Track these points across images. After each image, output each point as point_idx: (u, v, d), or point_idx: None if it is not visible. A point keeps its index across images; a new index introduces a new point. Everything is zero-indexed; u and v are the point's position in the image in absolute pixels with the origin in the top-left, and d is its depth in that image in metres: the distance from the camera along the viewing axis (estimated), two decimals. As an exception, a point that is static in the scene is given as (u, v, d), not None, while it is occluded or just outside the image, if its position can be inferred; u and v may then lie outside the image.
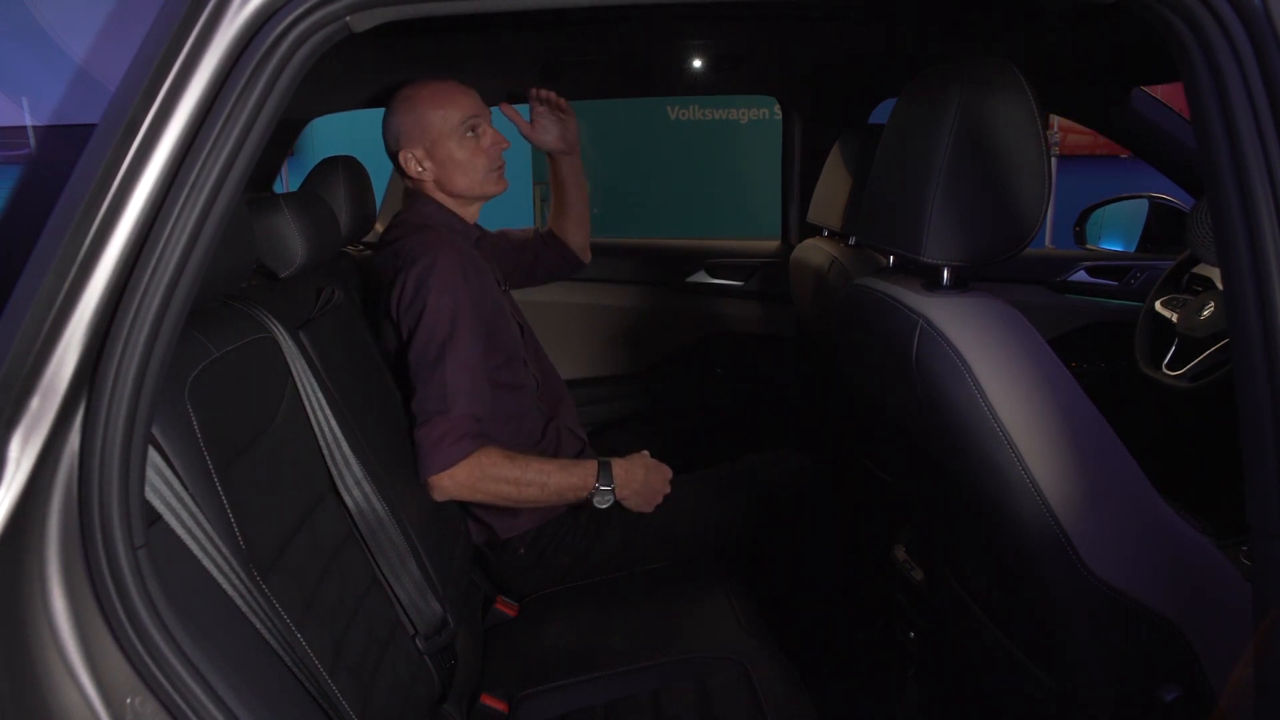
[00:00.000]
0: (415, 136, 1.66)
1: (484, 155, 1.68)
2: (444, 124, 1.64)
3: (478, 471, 1.50)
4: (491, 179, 1.70)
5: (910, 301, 1.00)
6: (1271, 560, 0.72)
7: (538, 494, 1.56)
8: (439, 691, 1.31)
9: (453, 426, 1.49)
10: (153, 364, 0.77)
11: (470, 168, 1.67)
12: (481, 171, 1.68)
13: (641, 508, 1.66)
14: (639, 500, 1.65)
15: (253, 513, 0.98)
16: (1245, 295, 0.72)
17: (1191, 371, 1.65)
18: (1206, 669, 0.90)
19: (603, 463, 1.62)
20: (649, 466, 1.67)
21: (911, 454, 1.18)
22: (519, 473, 1.54)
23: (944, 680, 1.52)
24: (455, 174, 1.67)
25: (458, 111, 1.65)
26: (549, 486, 1.56)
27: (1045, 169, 0.96)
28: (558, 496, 1.59)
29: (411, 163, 1.67)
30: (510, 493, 1.54)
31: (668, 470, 1.69)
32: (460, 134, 1.65)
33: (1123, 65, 1.92)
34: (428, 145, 1.66)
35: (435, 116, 1.64)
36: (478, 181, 1.68)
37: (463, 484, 1.50)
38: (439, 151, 1.66)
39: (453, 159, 1.66)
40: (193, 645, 0.79)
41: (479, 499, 1.54)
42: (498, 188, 1.72)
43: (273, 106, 0.79)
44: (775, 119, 5.90)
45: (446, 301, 1.52)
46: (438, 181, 1.69)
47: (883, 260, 1.27)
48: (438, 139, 1.65)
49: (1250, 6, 0.71)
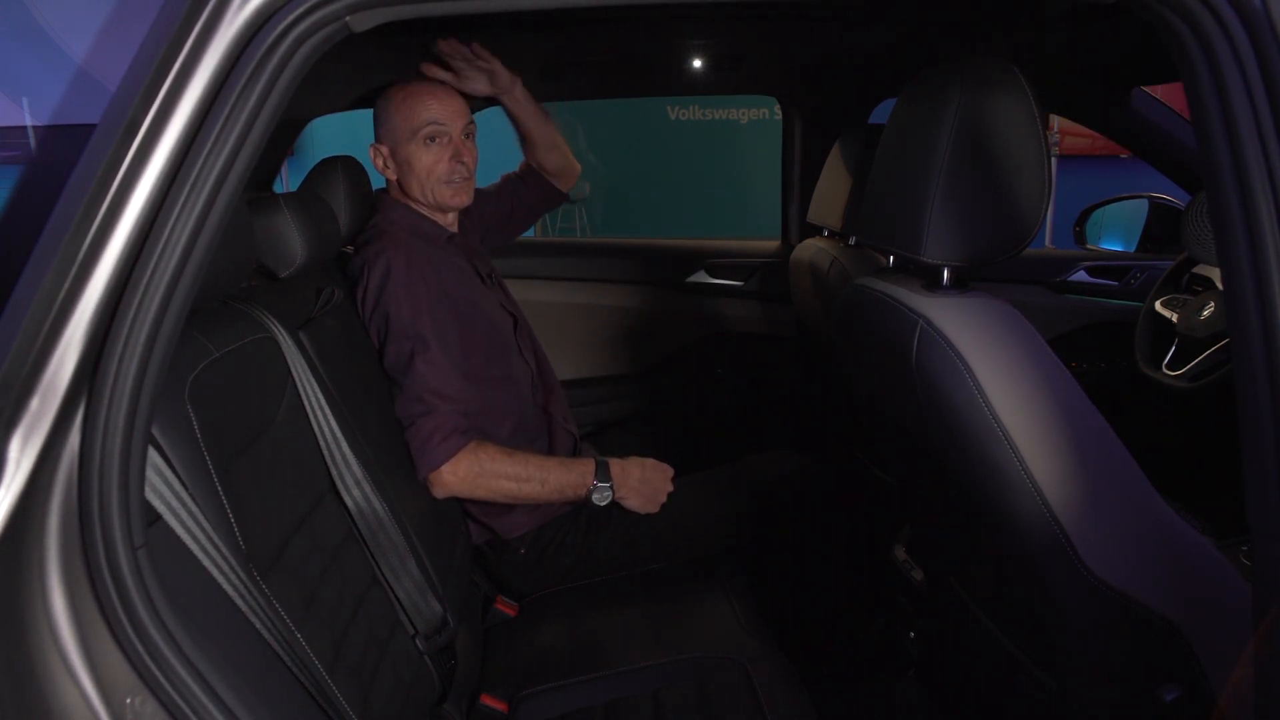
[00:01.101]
0: (384, 134, 1.66)
1: (442, 164, 1.64)
2: (405, 126, 1.63)
3: (476, 467, 1.51)
4: (445, 190, 1.66)
5: (910, 302, 1.00)
6: (1271, 560, 0.72)
7: (537, 490, 1.57)
8: (439, 691, 1.31)
9: (440, 424, 1.50)
10: (153, 364, 0.77)
11: (424, 174, 1.65)
12: (435, 180, 1.65)
13: (645, 507, 1.66)
14: (640, 500, 1.65)
15: (252, 513, 0.98)
16: (1245, 295, 0.72)
17: (1191, 371, 1.65)
18: (1206, 669, 0.90)
19: (600, 461, 1.63)
20: (646, 465, 1.67)
21: (911, 454, 1.18)
22: (518, 469, 1.54)
23: (944, 680, 1.52)
24: (410, 178, 1.66)
25: (420, 116, 1.62)
26: (549, 483, 1.57)
27: (1045, 169, 0.96)
28: (558, 494, 1.59)
29: (377, 159, 1.68)
30: (510, 489, 1.54)
31: (669, 469, 1.70)
32: (420, 140, 1.63)
33: (1123, 65, 1.92)
34: (391, 145, 1.66)
35: (399, 118, 1.64)
36: (430, 189, 1.66)
37: (463, 479, 1.51)
38: (399, 152, 1.65)
39: (408, 163, 1.65)
40: (192, 645, 0.79)
41: (480, 495, 1.55)
42: (453, 200, 1.67)
43: (273, 106, 0.79)
44: (775, 119, 5.90)
45: (406, 308, 1.54)
46: (400, 182, 1.69)
47: (883, 260, 1.27)
48: (400, 140, 1.65)
49: (1250, 6, 0.71)
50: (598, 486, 1.61)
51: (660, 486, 1.67)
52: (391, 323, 1.54)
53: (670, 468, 1.70)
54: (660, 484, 1.67)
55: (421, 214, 1.70)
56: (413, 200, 1.70)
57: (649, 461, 1.68)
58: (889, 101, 2.21)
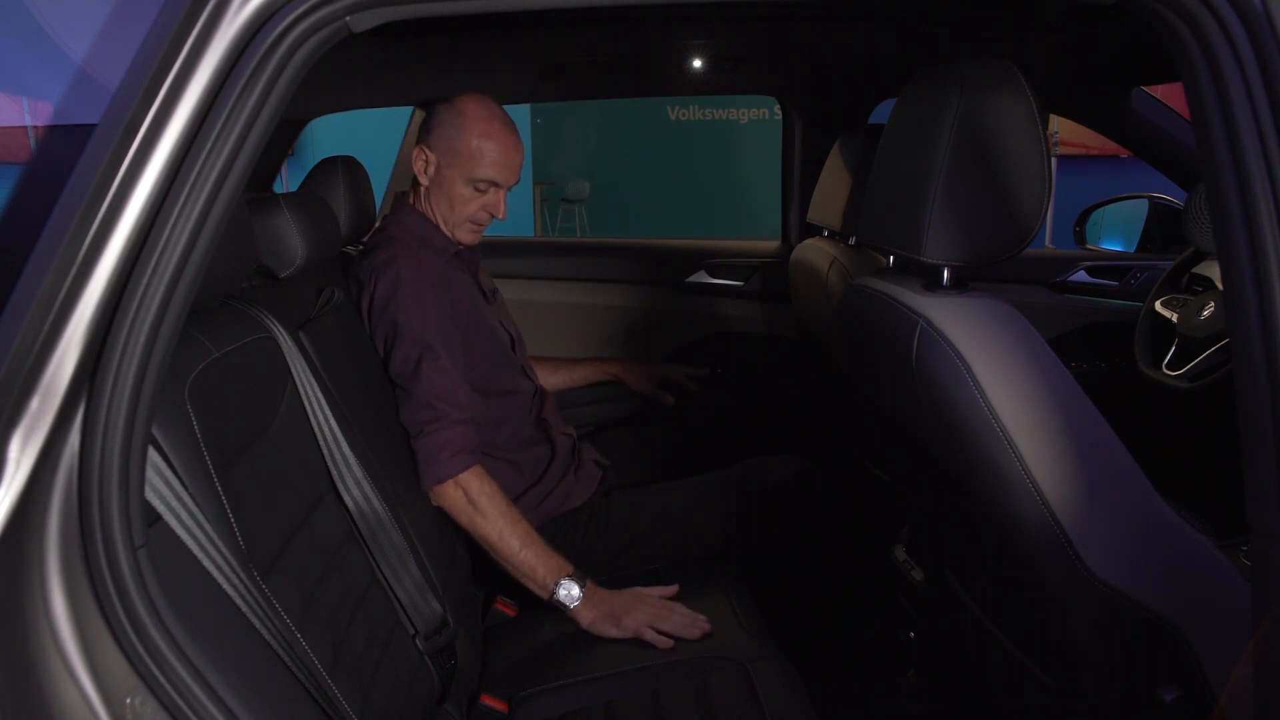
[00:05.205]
0: (440, 146, 1.66)
1: (474, 208, 1.68)
2: (470, 162, 1.64)
3: (475, 494, 1.50)
4: (464, 229, 1.70)
5: (910, 302, 1.00)
6: (1271, 560, 0.72)
7: (512, 551, 1.50)
8: (439, 691, 1.31)
9: (451, 438, 1.50)
10: (153, 364, 0.77)
11: (458, 207, 1.68)
12: (463, 219, 1.69)
13: (599, 626, 1.50)
14: (602, 619, 1.50)
15: (253, 513, 0.98)
16: (1245, 295, 0.72)
17: (1191, 371, 1.65)
18: (1206, 669, 0.90)
19: (578, 574, 1.52)
20: (626, 595, 1.52)
21: (911, 454, 1.18)
22: (507, 524, 1.50)
23: (944, 680, 1.52)
24: (442, 201, 1.68)
25: (488, 170, 1.65)
26: (522, 555, 1.50)
27: (1045, 169, 0.96)
28: (527, 570, 1.51)
29: (420, 160, 1.68)
30: (490, 536, 1.50)
31: (655, 595, 1.54)
32: (475, 184, 1.65)
33: (1123, 65, 1.93)
34: (443, 160, 1.66)
35: (468, 153, 1.64)
36: (454, 222, 1.69)
37: (464, 498, 1.50)
38: (446, 173, 1.66)
39: (450, 190, 1.67)
40: (192, 645, 0.79)
41: (463, 523, 1.53)
42: (466, 239, 1.72)
43: (273, 107, 0.79)
44: (775, 119, 5.90)
45: (415, 315, 1.54)
46: (429, 192, 1.70)
47: (883, 260, 1.27)
48: (455, 167, 1.65)
49: (1250, 6, 0.71)
50: (563, 584, 1.50)
51: (640, 619, 1.48)
52: (400, 329, 1.54)
53: (657, 592, 1.55)
54: (633, 606, 1.50)
55: (435, 226, 1.71)
56: (430, 211, 1.71)
57: (639, 595, 1.53)
58: (889, 101, 2.22)
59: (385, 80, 2.19)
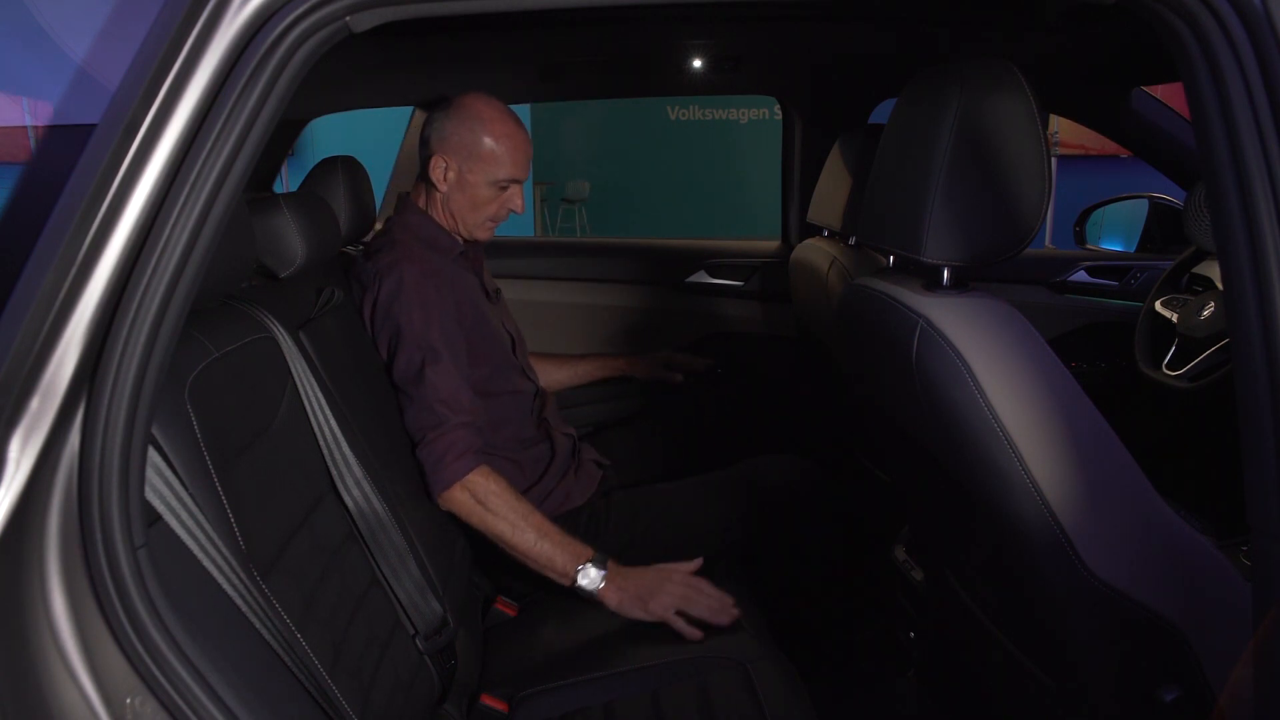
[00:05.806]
0: (458, 150, 1.66)
1: (495, 207, 1.70)
2: (490, 166, 1.65)
3: (483, 493, 1.51)
4: (485, 228, 1.72)
5: (910, 301, 1.00)
6: (1271, 560, 0.72)
7: (529, 544, 1.50)
8: (439, 691, 1.31)
9: (454, 442, 1.50)
10: (153, 364, 0.77)
11: (479, 210, 1.69)
12: (482, 218, 1.70)
13: (626, 607, 1.49)
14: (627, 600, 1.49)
15: (253, 513, 0.98)
16: (1245, 295, 0.72)
17: (1191, 371, 1.65)
18: (1206, 669, 0.90)
19: (599, 555, 1.51)
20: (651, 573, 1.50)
21: (911, 454, 1.18)
22: (519, 516, 1.50)
23: (944, 680, 1.52)
24: (464, 205, 1.69)
25: (509, 170, 1.66)
26: (540, 546, 1.50)
27: (1045, 169, 0.96)
28: (545, 560, 1.50)
29: (439, 169, 1.68)
30: (504, 530, 1.50)
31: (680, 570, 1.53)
32: (497, 182, 1.66)
33: (1123, 65, 1.93)
34: (463, 165, 1.66)
35: (489, 155, 1.65)
36: (474, 223, 1.70)
37: (469, 502, 1.51)
38: (468, 178, 1.66)
39: (473, 194, 1.67)
40: (193, 645, 0.79)
41: (474, 522, 1.53)
42: (483, 236, 1.74)
43: (273, 107, 0.79)
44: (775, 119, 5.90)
45: (418, 318, 1.54)
46: (447, 197, 1.70)
47: (882, 260, 1.27)
48: (476, 169, 1.66)
49: (1250, 6, 0.71)
50: (583, 570, 1.49)
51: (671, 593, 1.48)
52: (403, 332, 1.54)
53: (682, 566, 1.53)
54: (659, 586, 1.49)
55: (440, 226, 1.72)
56: (439, 213, 1.71)
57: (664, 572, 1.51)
58: (889, 101, 2.22)
59: (385, 80, 2.19)
